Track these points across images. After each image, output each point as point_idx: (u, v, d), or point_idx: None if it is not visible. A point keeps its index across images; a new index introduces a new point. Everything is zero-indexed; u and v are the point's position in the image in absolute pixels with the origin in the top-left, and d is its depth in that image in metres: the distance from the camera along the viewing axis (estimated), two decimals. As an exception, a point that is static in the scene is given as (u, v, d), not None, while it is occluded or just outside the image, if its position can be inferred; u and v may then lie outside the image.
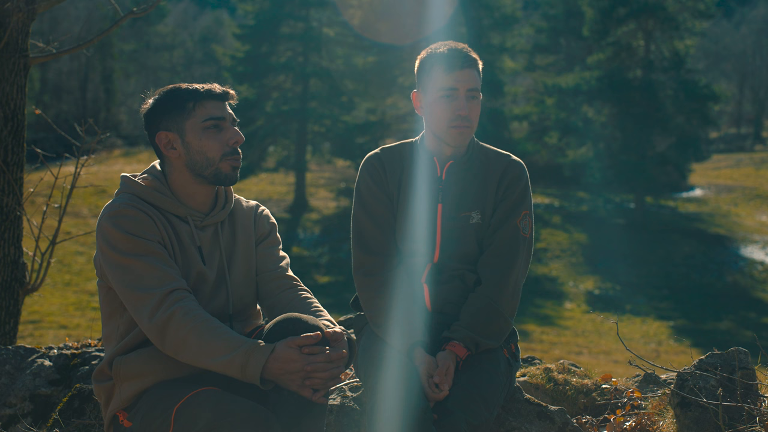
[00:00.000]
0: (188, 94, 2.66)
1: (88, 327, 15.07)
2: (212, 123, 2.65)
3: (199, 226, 2.71)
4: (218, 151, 2.66)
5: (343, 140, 31.75)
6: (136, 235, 2.57)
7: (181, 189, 2.70)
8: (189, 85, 2.69)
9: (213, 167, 2.67)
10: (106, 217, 2.59)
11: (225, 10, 51.58)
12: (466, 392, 2.84)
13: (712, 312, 21.54)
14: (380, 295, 3.04)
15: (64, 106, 40.99)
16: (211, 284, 2.70)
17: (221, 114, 2.67)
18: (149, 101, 2.71)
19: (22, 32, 4.48)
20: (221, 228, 2.76)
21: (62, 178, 4.79)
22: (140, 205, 2.63)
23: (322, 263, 24.16)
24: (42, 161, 4.77)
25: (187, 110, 2.65)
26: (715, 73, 46.20)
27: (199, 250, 2.69)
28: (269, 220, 2.89)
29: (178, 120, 2.66)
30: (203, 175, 2.68)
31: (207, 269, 2.69)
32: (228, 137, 2.67)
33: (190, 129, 2.65)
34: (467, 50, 3.08)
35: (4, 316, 4.52)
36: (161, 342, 2.52)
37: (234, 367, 2.44)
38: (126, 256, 2.55)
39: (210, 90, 2.67)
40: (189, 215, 2.69)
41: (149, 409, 2.54)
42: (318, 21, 32.04)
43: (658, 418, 3.23)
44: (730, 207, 32.19)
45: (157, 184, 2.69)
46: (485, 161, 3.17)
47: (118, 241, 2.56)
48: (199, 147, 2.65)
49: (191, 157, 2.67)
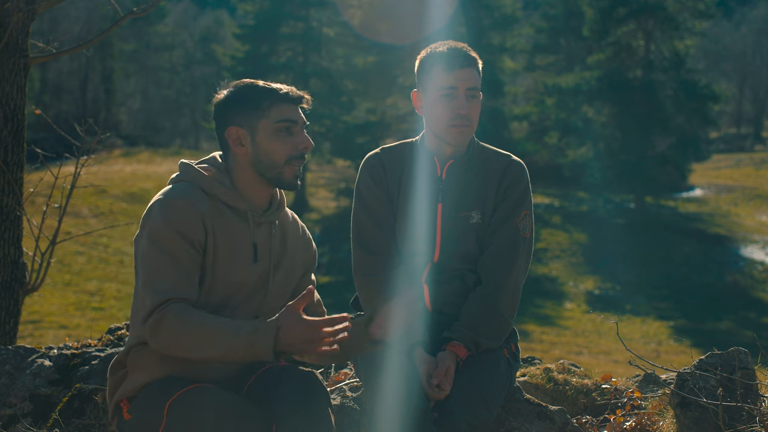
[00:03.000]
0: (266, 93, 2.63)
1: (88, 327, 15.07)
2: (285, 125, 2.63)
3: (257, 222, 2.69)
4: (285, 154, 2.63)
5: (343, 140, 31.75)
6: (178, 231, 2.53)
7: (243, 184, 2.67)
8: (267, 84, 2.66)
9: (276, 170, 2.64)
10: (160, 204, 2.56)
11: (225, 10, 51.54)
12: (467, 392, 2.84)
13: (712, 312, 21.54)
14: (380, 295, 3.04)
15: (64, 106, 40.98)
16: (252, 286, 2.68)
17: (295, 118, 2.65)
18: (223, 92, 2.67)
19: (22, 32, 4.48)
20: (274, 230, 2.74)
21: (62, 178, 4.79)
22: (198, 198, 2.59)
23: (322, 263, 24.16)
24: (42, 161, 4.76)
25: (262, 109, 2.62)
26: (715, 73, 46.19)
27: (254, 247, 2.67)
28: (312, 246, 2.89)
29: (252, 117, 2.63)
30: (266, 176, 2.65)
31: (256, 267, 2.67)
32: (298, 142, 2.65)
33: (263, 129, 2.62)
34: (467, 49, 3.08)
35: (4, 316, 4.51)
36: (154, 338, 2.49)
37: (240, 351, 2.42)
38: (156, 247, 2.52)
39: (288, 93, 2.64)
40: (249, 209, 2.66)
41: (145, 403, 2.55)
42: (318, 21, 32.06)
43: (658, 418, 3.23)
44: (730, 207, 32.19)
45: (221, 176, 2.66)
46: (485, 161, 3.17)
47: (159, 231, 2.53)
48: (268, 148, 2.63)
49: (258, 157, 2.63)
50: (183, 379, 2.57)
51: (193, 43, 49.52)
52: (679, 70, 30.62)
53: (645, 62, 30.66)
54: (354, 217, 3.17)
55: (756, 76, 49.14)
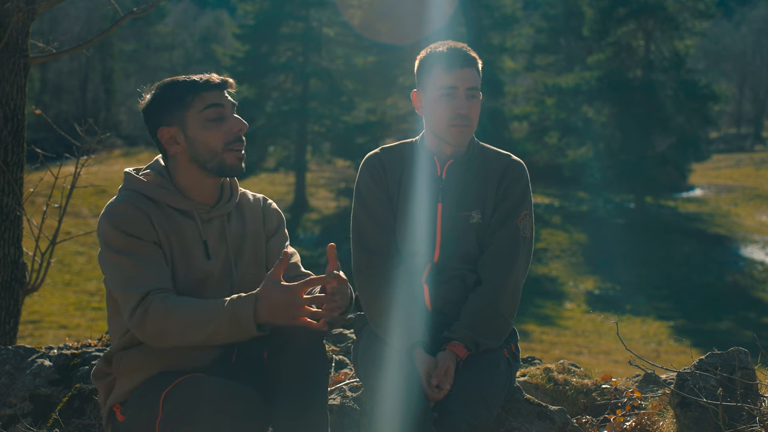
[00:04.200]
0: (186, 86, 2.63)
1: (88, 327, 15.06)
2: (213, 112, 2.62)
3: (205, 219, 2.68)
4: (221, 140, 2.62)
5: (343, 140, 31.74)
6: (130, 234, 2.55)
7: (186, 183, 2.67)
8: (186, 77, 2.65)
9: (217, 158, 2.63)
10: (105, 215, 2.59)
11: (225, 10, 51.54)
12: (467, 392, 2.83)
13: (712, 312, 21.54)
14: (380, 295, 3.04)
15: (64, 106, 40.97)
16: (216, 279, 2.68)
17: (221, 101, 2.64)
18: (147, 96, 2.68)
19: (22, 32, 4.47)
20: (228, 221, 2.73)
21: (62, 178, 4.79)
22: (141, 202, 2.61)
23: (322, 263, 24.18)
24: (42, 161, 4.76)
25: (186, 102, 2.62)
26: (715, 73, 46.17)
27: (205, 245, 2.67)
28: (278, 214, 2.86)
29: (178, 113, 2.63)
30: (207, 168, 2.65)
31: (212, 264, 2.67)
32: (230, 126, 2.64)
33: (192, 121, 2.62)
34: (467, 49, 3.08)
35: (4, 316, 4.51)
36: (142, 332, 2.50)
37: (224, 328, 2.43)
38: (117, 254, 2.55)
39: (208, 80, 2.63)
40: (194, 209, 2.67)
41: (139, 400, 2.56)
42: (318, 21, 32.04)
43: (658, 418, 3.23)
44: (730, 207, 32.18)
45: (160, 179, 2.66)
46: (485, 161, 3.17)
47: (112, 239, 2.56)
48: (202, 139, 2.62)
49: (195, 150, 2.63)
50: (174, 372, 2.57)
51: (193, 43, 49.52)
52: (679, 70, 30.62)
53: (645, 62, 30.66)
54: (354, 217, 3.17)
55: (756, 76, 49.13)
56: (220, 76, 2.66)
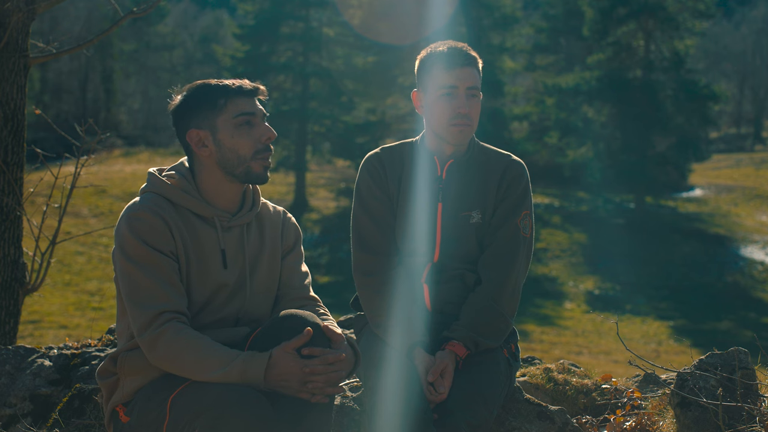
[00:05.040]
0: (219, 90, 2.63)
1: (88, 327, 15.07)
2: (244, 119, 2.62)
3: (225, 227, 2.67)
4: (250, 148, 2.62)
5: (343, 140, 31.74)
6: (147, 243, 2.54)
7: (210, 188, 2.66)
8: (219, 81, 2.65)
9: (244, 165, 2.63)
10: (125, 218, 2.57)
11: (225, 10, 51.52)
12: (466, 392, 2.84)
13: (712, 312, 21.53)
14: (380, 295, 3.04)
15: (64, 106, 40.97)
16: (230, 290, 2.67)
17: (253, 110, 2.64)
18: (177, 98, 2.67)
19: (22, 32, 4.47)
20: (247, 231, 2.72)
21: (62, 178, 4.78)
22: (162, 207, 2.59)
23: (322, 263, 24.15)
24: (42, 161, 4.76)
25: (218, 107, 2.62)
26: (715, 73, 46.19)
27: (223, 254, 2.65)
28: (296, 229, 2.85)
29: (210, 116, 2.62)
30: (234, 174, 2.64)
31: (228, 274, 2.65)
32: (260, 133, 2.64)
33: (222, 126, 2.62)
34: (467, 49, 3.08)
35: (4, 316, 4.51)
36: (150, 354, 2.52)
37: (231, 378, 2.44)
38: (131, 262, 2.54)
39: (241, 86, 2.64)
40: (215, 216, 2.65)
41: (145, 402, 2.55)
42: (318, 21, 32.03)
43: (658, 418, 3.23)
44: (730, 207, 32.18)
45: (184, 183, 2.65)
46: (486, 161, 3.17)
47: (129, 245, 2.55)
48: (232, 144, 2.61)
49: (223, 155, 2.63)
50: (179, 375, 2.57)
51: (193, 43, 49.50)
52: (679, 70, 30.61)
53: (645, 62, 30.65)
54: (354, 217, 3.17)
55: (756, 76, 49.13)
56: (253, 83, 2.66)
